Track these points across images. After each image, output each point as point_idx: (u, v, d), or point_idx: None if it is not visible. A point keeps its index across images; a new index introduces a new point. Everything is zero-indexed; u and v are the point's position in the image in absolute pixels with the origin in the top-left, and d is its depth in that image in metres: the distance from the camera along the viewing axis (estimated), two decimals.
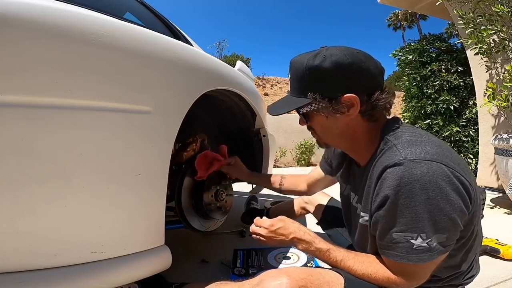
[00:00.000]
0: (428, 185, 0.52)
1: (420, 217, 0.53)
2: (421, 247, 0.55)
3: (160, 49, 0.73)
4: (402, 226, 0.55)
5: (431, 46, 3.35)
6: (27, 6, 0.51)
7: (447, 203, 0.53)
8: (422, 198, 0.53)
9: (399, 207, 0.55)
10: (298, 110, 0.66)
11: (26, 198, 0.50)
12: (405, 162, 0.54)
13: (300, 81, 0.64)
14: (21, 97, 0.49)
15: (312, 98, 0.62)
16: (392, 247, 0.58)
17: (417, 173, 0.53)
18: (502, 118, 2.43)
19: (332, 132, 0.68)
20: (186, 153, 1.07)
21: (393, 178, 0.55)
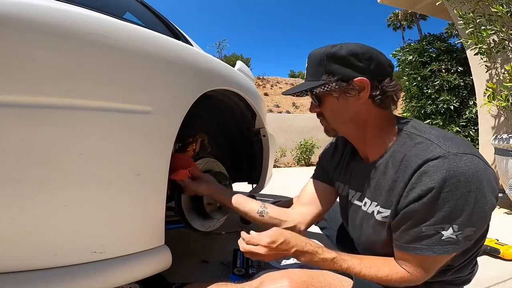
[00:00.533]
0: (471, 179, 0.53)
1: (458, 210, 0.54)
2: (449, 239, 0.55)
3: (160, 49, 0.73)
4: (436, 219, 0.55)
5: (431, 46, 3.36)
6: (27, 6, 0.51)
7: (484, 197, 0.54)
8: (464, 191, 0.53)
9: (440, 200, 0.54)
10: (312, 90, 0.68)
11: (26, 198, 0.50)
12: (449, 155, 0.54)
13: (317, 66, 0.68)
14: (21, 97, 0.49)
15: (327, 79, 0.66)
16: (417, 241, 0.57)
17: (462, 166, 0.53)
18: (502, 118, 2.43)
19: (343, 116, 0.69)
20: (186, 153, 1.07)
21: (438, 171, 0.54)
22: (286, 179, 3.75)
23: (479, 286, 0.95)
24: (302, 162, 5.73)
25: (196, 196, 1.02)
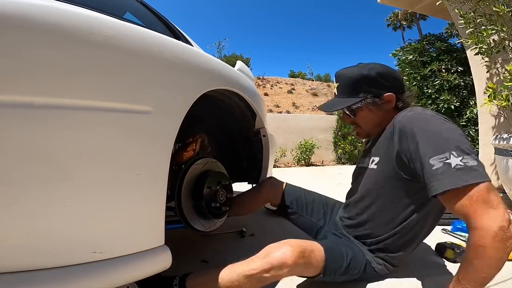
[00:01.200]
0: (436, 115, 0.75)
1: (440, 136, 0.69)
2: (459, 166, 0.64)
3: (160, 49, 0.73)
4: (430, 150, 0.68)
5: (431, 46, 3.36)
6: (27, 6, 0.51)
7: (445, 123, 0.72)
8: (435, 120, 0.73)
9: (417, 135, 0.72)
10: (351, 106, 0.88)
11: (26, 198, 0.50)
12: (412, 110, 0.80)
13: (352, 85, 0.88)
14: (21, 97, 0.49)
15: (363, 97, 0.87)
16: (440, 177, 0.65)
17: (421, 112, 0.78)
18: (502, 118, 2.43)
19: (374, 122, 0.91)
20: (186, 153, 1.07)
21: (404, 117, 0.78)
22: (286, 179, 3.74)
23: None
24: (302, 162, 5.73)
25: (196, 196, 1.02)
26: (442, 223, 1.63)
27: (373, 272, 0.93)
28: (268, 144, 1.43)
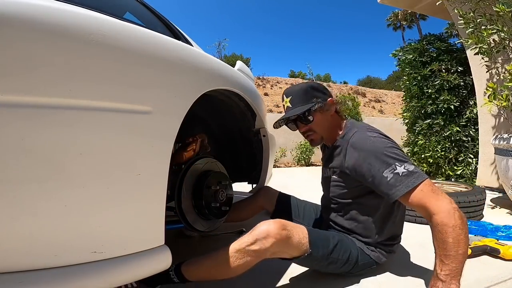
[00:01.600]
0: (374, 139, 0.92)
1: (384, 153, 0.87)
2: (405, 172, 0.84)
3: (160, 49, 0.73)
4: (381, 165, 0.86)
5: (431, 46, 3.35)
6: (27, 6, 0.51)
7: (385, 141, 0.91)
8: (378, 141, 0.91)
9: (366, 156, 0.90)
10: (309, 109, 1.00)
11: (26, 198, 0.50)
12: (355, 132, 0.98)
13: (305, 94, 1.03)
14: (21, 97, 0.49)
15: (316, 101, 1.02)
16: (395, 184, 0.84)
17: (366, 135, 0.94)
18: (502, 118, 2.43)
19: (325, 125, 1.05)
20: (186, 153, 1.07)
21: (355, 139, 0.95)
22: (286, 179, 3.75)
23: (479, 286, 0.95)
24: (302, 162, 5.73)
25: (196, 196, 1.02)
26: None
27: (370, 260, 1.00)
28: (268, 144, 1.43)
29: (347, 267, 0.97)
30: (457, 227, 0.76)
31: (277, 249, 0.84)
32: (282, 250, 0.86)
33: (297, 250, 0.88)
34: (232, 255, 0.83)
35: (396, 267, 1.09)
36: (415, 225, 1.66)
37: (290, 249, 0.87)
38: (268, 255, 0.85)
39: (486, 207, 1.99)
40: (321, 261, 0.93)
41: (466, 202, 1.64)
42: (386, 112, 13.69)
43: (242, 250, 0.83)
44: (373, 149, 0.89)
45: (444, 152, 3.07)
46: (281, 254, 0.88)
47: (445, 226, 0.76)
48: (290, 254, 0.89)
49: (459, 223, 0.76)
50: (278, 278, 1.02)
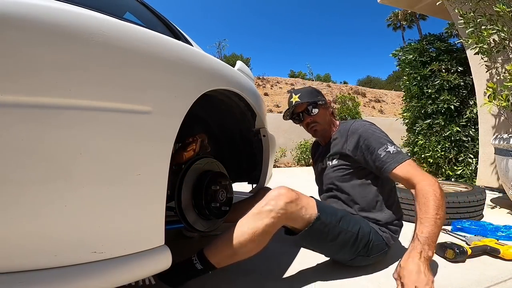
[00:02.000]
0: (369, 124, 1.11)
1: (377, 136, 1.05)
2: (395, 151, 1.01)
3: (160, 49, 0.73)
4: (377, 145, 1.03)
5: (431, 46, 3.35)
6: (27, 6, 0.51)
7: (378, 129, 1.10)
8: (371, 128, 1.08)
9: (366, 137, 1.06)
10: (317, 101, 1.19)
11: (26, 198, 0.50)
12: (354, 121, 1.15)
13: (311, 93, 1.21)
14: (21, 97, 0.49)
15: (321, 99, 1.21)
16: (387, 160, 1.00)
17: (362, 123, 1.12)
18: (502, 118, 2.43)
19: (325, 119, 1.21)
20: (186, 153, 1.06)
21: (354, 126, 1.12)
22: (286, 179, 3.75)
23: (479, 286, 0.95)
24: (302, 162, 5.73)
25: (196, 196, 1.02)
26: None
27: (382, 241, 1.05)
28: (268, 144, 1.43)
29: (360, 248, 0.99)
30: (439, 194, 0.88)
31: (290, 207, 0.89)
32: (294, 211, 0.90)
33: (307, 213, 0.92)
34: (249, 221, 0.87)
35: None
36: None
37: (301, 211, 0.91)
38: (284, 218, 0.89)
39: (486, 207, 1.99)
40: (330, 229, 0.94)
41: (466, 202, 1.64)
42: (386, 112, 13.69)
43: (258, 212, 0.87)
44: (370, 132, 1.06)
45: (444, 152, 3.07)
46: (293, 217, 0.91)
47: (429, 192, 0.89)
48: (302, 219, 0.92)
49: (439, 192, 0.89)
50: (278, 278, 1.02)
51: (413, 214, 1.68)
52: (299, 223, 0.93)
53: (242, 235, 0.86)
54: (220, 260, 0.88)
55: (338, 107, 6.96)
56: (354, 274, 1.02)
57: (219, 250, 0.88)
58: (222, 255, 0.87)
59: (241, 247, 0.86)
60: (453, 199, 1.63)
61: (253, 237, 0.86)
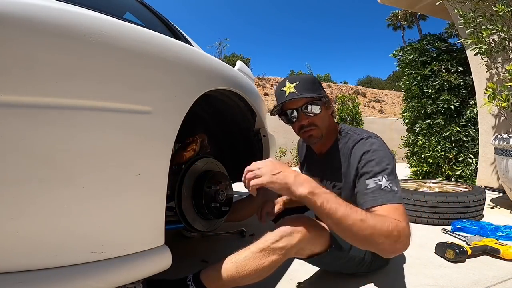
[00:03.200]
0: (378, 147, 0.87)
1: (380, 162, 0.83)
2: (386, 188, 0.78)
3: (160, 49, 0.73)
4: (372, 173, 0.81)
5: (431, 46, 3.35)
6: (27, 6, 0.51)
7: (388, 155, 0.86)
8: (378, 152, 0.85)
9: (369, 158, 0.84)
10: (320, 99, 0.92)
11: (26, 198, 0.50)
12: (364, 137, 0.91)
13: (313, 83, 0.93)
14: (21, 97, 0.49)
15: (323, 95, 0.93)
16: (370, 195, 0.79)
17: (374, 140, 0.89)
18: (502, 118, 2.43)
19: (325, 122, 0.96)
20: (186, 153, 1.07)
21: (361, 145, 0.89)
22: None
23: (479, 286, 0.95)
24: None
25: (196, 196, 1.02)
26: (442, 223, 1.63)
27: (385, 259, 0.98)
28: (268, 144, 1.43)
29: (363, 267, 0.96)
30: (388, 233, 0.69)
31: (303, 244, 0.80)
32: (307, 246, 0.82)
33: (321, 246, 0.84)
34: (256, 256, 0.77)
35: (396, 267, 1.09)
36: (415, 225, 1.66)
37: (315, 245, 0.83)
38: (293, 252, 0.80)
39: (486, 207, 1.99)
40: (341, 258, 0.89)
41: (466, 202, 1.64)
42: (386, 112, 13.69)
43: (267, 248, 0.77)
44: (373, 155, 0.85)
45: (444, 152, 3.07)
46: (304, 251, 0.83)
47: (388, 224, 0.69)
48: (312, 251, 0.84)
49: (394, 237, 0.69)
50: (279, 278, 1.02)
51: (413, 214, 1.68)
52: (308, 254, 0.84)
53: (244, 267, 0.77)
54: (218, 287, 0.79)
55: (338, 107, 6.96)
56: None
57: (218, 278, 0.78)
58: (220, 283, 0.78)
59: (243, 278, 0.77)
60: (453, 199, 1.63)
61: (257, 272, 0.77)
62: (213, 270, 0.79)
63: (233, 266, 0.77)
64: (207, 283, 0.78)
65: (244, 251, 0.79)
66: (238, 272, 0.76)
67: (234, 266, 0.77)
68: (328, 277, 1.02)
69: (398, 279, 1.00)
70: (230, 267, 0.77)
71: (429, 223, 1.66)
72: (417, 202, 1.67)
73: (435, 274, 1.04)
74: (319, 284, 0.99)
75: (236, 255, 0.79)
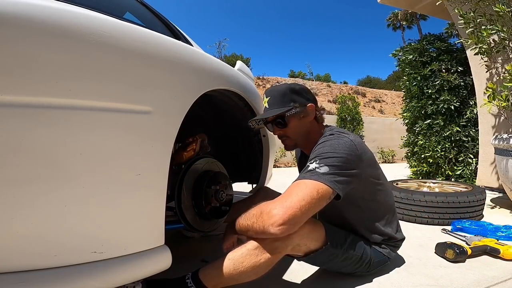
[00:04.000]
0: (340, 142, 0.89)
1: (324, 150, 0.87)
2: (311, 169, 0.84)
3: (160, 49, 0.73)
4: (310, 158, 0.88)
5: (431, 46, 3.35)
6: (27, 6, 0.51)
7: (343, 150, 0.87)
8: (333, 144, 0.89)
9: (317, 148, 0.91)
10: (283, 115, 0.97)
11: (26, 198, 0.50)
12: (334, 133, 0.95)
13: (282, 97, 0.98)
14: (21, 97, 0.49)
15: (293, 106, 0.98)
16: (299, 175, 0.86)
17: (338, 137, 0.92)
18: (502, 118, 2.43)
19: (301, 131, 1.01)
20: (186, 153, 1.06)
21: (322, 138, 0.94)
22: (286, 179, 3.74)
23: (479, 286, 0.95)
24: None
25: (196, 196, 1.02)
26: (442, 223, 1.63)
27: (383, 258, 1.01)
28: (268, 144, 1.42)
29: (362, 266, 0.96)
30: (266, 225, 0.75)
31: (298, 240, 0.82)
32: (303, 241, 0.84)
33: (317, 242, 0.87)
34: (252, 253, 0.79)
35: (395, 267, 1.09)
36: (415, 225, 1.66)
37: (310, 241, 0.86)
38: (289, 249, 0.82)
39: (486, 207, 1.99)
40: (337, 255, 0.91)
41: (466, 202, 1.64)
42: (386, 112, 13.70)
43: (263, 245, 0.79)
44: (323, 145, 0.90)
45: (444, 152, 3.07)
46: (301, 247, 0.85)
47: (264, 209, 0.79)
48: (308, 247, 0.87)
49: (271, 222, 0.75)
50: (279, 278, 1.02)
51: (413, 214, 1.68)
52: (305, 251, 0.88)
53: (241, 264, 0.79)
54: (216, 285, 0.80)
55: (338, 107, 6.96)
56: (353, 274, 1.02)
57: (216, 275, 0.80)
58: (219, 280, 0.79)
59: (240, 275, 0.79)
60: (453, 199, 1.63)
61: (254, 269, 0.79)
62: (211, 268, 0.81)
63: (230, 263, 0.79)
64: (206, 281, 0.79)
65: (241, 248, 0.81)
66: (235, 269, 0.79)
67: (232, 263, 0.79)
68: (328, 277, 1.02)
69: (398, 279, 1.00)
70: (227, 264, 0.79)
71: (429, 223, 1.66)
72: (417, 202, 1.67)
73: (435, 274, 1.04)
74: (319, 284, 0.99)
75: (233, 253, 0.81)
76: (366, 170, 0.93)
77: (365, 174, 0.93)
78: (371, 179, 0.97)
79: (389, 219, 1.05)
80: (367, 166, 0.94)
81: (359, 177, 0.90)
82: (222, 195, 1.08)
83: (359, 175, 0.89)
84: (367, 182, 0.95)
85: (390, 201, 1.07)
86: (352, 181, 0.87)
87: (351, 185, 0.87)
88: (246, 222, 0.82)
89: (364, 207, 0.99)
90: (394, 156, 6.59)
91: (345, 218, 1.01)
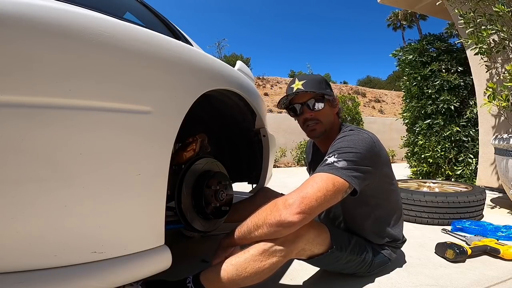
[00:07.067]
0: (359, 138, 0.90)
1: (343, 145, 0.87)
2: (329, 164, 0.84)
3: (160, 49, 0.73)
4: (329, 152, 0.88)
5: (431, 46, 3.35)
6: (27, 6, 0.51)
7: (362, 145, 0.87)
8: (352, 139, 0.89)
9: (336, 142, 0.91)
10: (323, 95, 0.99)
11: (26, 198, 0.50)
12: (353, 129, 0.97)
13: (319, 83, 0.99)
14: (21, 97, 0.49)
15: (330, 95, 1.00)
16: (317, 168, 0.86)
17: (356, 132, 0.93)
18: (502, 118, 2.43)
19: (329, 119, 1.02)
20: (186, 153, 1.06)
21: (341, 133, 0.96)
22: (286, 179, 3.75)
23: (479, 286, 0.95)
24: (302, 162, 5.73)
25: (196, 196, 1.02)
26: (442, 223, 1.63)
27: (384, 258, 1.01)
28: (268, 144, 1.42)
29: (363, 267, 0.97)
30: (278, 219, 0.75)
31: (303, 245, 0.82)
32: (308, 247, 0.84)
33: (321, 247, 0.87)
34: (256, 258, 0.77)
35: (396, 267, 1.09)
36: (415, 225, 1.66)
37: (315, 245, 0.85)
38: (294, 254, 0.82)
39: (486, 207, 1.99)
40: (341, 258, 0.91)
41: (466, 202, 1.64)
42: (386, 112, 13.69)
43: (268, 250, 0.78)
44: (342, 140, 0.91)
45: (444, 152, 3.07)
46: (305, 252, 0.85)
47: (274, 210, 0.77)
48: (313, 252, 0.86)
49: (284, 219, 0.74)
50: (279, 278, 1.02)
51: (413, 214, 1.68)
52: (309, 255, 0.87)
53: (245, 269, 0.77)
54: None
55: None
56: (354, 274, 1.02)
57: (217, 280, 0.78)
58: (221, 285, 0.78)
59: (243, 280, 0.78)
60: (453, 199, 1.63)
61: (257, 274, 0.78)
62: (213, 272, 0.79)
63: (233, 268, 0.77)
64: (207, 285, 0.78)
65: (244, 253, 0.79)
66: (239, 274, 0.77)
67: (235, 268, 0.77)
68: (329, 277, 1.02)
69: (398, 279, 1.00)
70: (230, 269, 0.77)
71: (429, 223, 1.66)
72: (417, 202, 1.67)
73: (435, 274, 1.04)
74: (319, 284, 0.99)
75: (236, 257, 0.79)
76: (382, 169, 0.94)
77: (380, 173, 0.93)
78: (385, 178, 0.97)
79: (397, 220, 1.05)
80: (383, 165, 0.95)
81: (375, 174, 0.90)
82: (222, 195, 1.08)
83: (374, 172, 0.90)
84: (381, 181, 0.96)
85: (399, 202, 1.08)
86: (368, 177, 0.87)
87: (366, 182, 0.87)
88: (255, 220, 0.81)
89: (374, 206, 0.99)
90: (394, 156, 6.59)
91: (353, 216, 1.01)
